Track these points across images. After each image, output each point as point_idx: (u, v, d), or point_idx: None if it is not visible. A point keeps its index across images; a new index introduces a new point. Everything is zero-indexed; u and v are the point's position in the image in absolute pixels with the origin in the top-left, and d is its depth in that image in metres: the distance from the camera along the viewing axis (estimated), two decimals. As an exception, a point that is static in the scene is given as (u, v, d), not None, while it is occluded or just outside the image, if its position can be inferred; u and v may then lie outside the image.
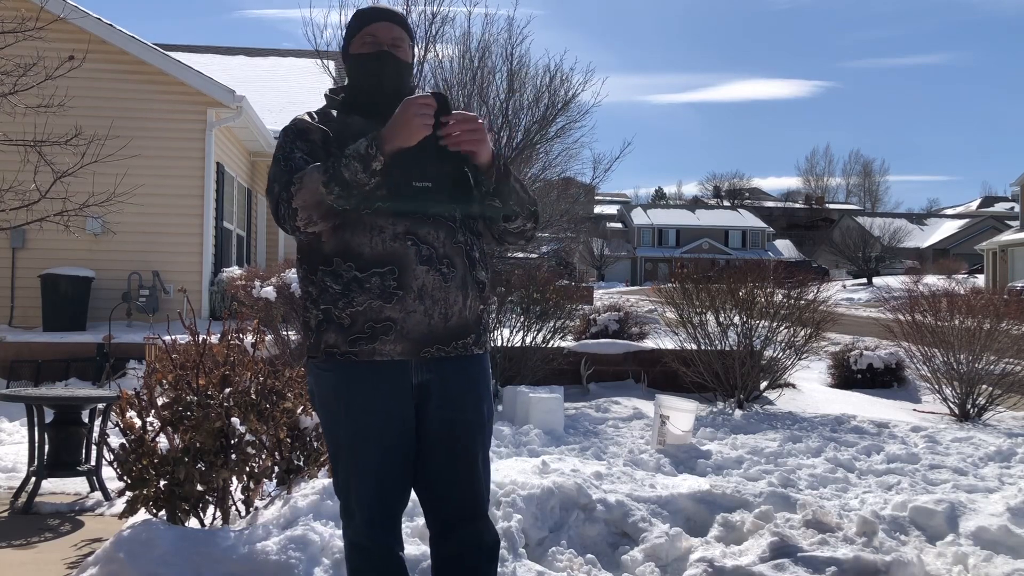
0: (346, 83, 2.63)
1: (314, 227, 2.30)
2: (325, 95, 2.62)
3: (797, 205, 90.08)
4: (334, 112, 2.53)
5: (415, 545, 3.55)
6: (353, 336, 2.35)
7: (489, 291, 2.60)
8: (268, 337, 5.75)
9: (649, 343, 10.87)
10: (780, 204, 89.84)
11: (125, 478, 3.79)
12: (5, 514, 4.83)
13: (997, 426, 8.65)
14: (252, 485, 3.93)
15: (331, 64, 13.97)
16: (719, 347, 9.30)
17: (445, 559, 2.54)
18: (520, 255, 18.57)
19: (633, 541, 4.12)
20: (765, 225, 75.18)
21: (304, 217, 2.27)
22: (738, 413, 8.50)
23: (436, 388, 2.42)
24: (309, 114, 2.50)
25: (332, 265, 2.37)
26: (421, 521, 3.63)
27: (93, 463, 5.12)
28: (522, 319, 9.50)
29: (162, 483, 3.78)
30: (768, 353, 9.48)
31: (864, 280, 52.99)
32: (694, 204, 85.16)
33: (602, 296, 23.86)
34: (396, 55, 2.55)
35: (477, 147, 2.34)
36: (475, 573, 2.51)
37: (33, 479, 4.94)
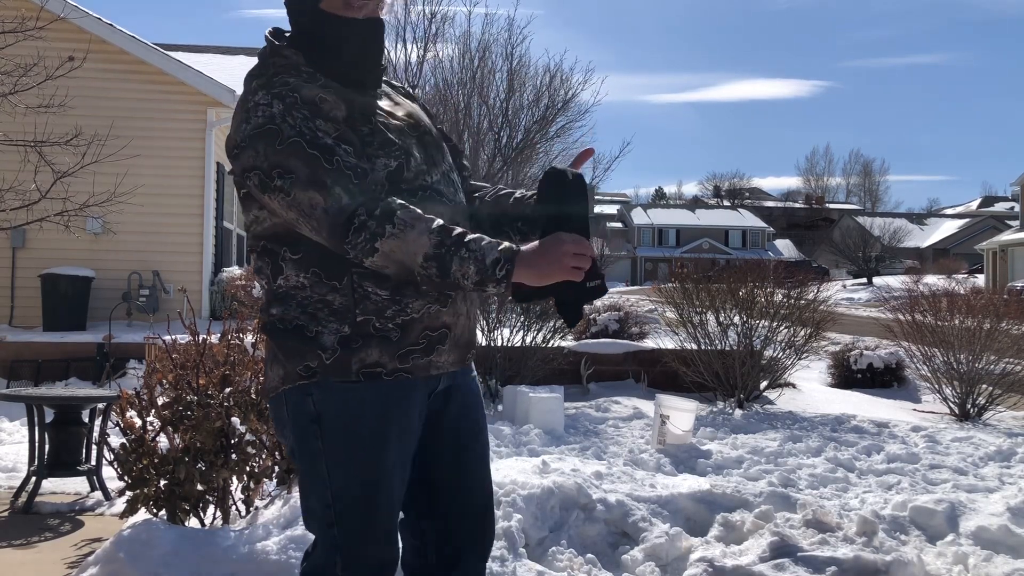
0: (293, 31, 2.14)
1: (379, 270, 1.93)
2: (270, 39, 2.13)
3: (797, 205, 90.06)
4: (306, 69, 2.05)
5: None
6: (404, 350, 1.99)
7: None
8: (268, 337, 5.74)
9: (649, 343, 10.87)
10: (780, 204, 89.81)
11: (125, 478, 3.79)
12: (5, 514, 4.83)
13: (997, 426, 8.65)
14: (252, 485, 3.93)
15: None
16: (719, 347, 9.30)
17: None
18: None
19: (633, 541, 4.12)
20: (765, 225, 75.16)
21: (379, 264, 1.89)
22: (738, 413, 8.50)
23: (453, 395, 2.16)
24: (286, 67, 2.03)
25: None
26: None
27: (93, 463, 5.12)
28: (522, 319, 9.50)
29: (162, 483, 3.78)
30: (768, 353, 9.48)
31: (864, 280, 52.99)
32: (694, 204, 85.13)
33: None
34: (382, 20, 2.15)
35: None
36: None
37: (33, 479, 4.94)
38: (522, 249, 1.88)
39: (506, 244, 1.87)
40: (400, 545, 2.13)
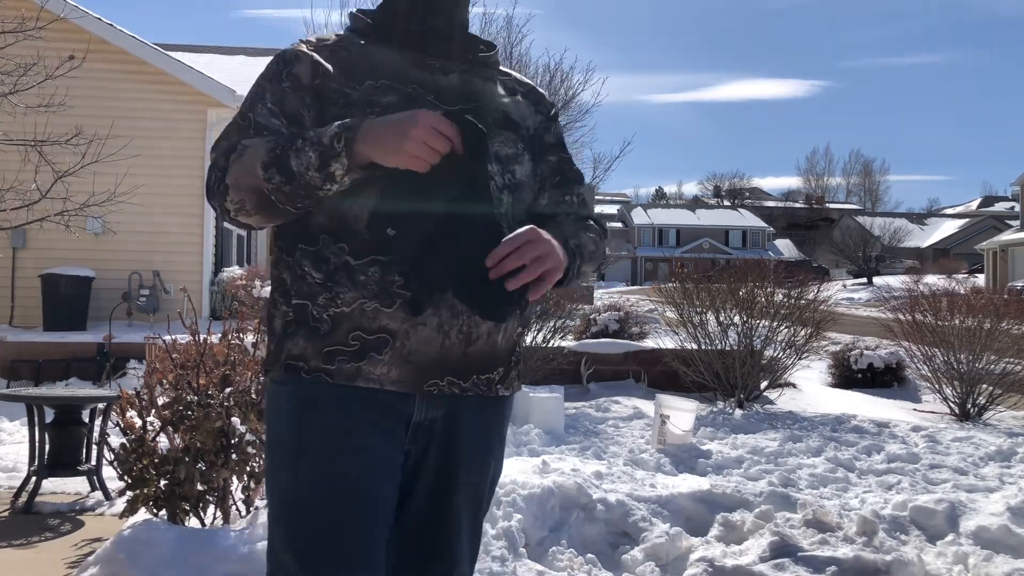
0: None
1: (248, 217, 1.66)
2: (351, 14, 1.86)
3: (797, 205, 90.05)
4: (360, 40, 1.79)
5: None
6: (331, 347, 1.66)
7: (530, 311, 1.89)
8: (268, 337, 5.74)
9: (649, 343, 10.87)
10: (780, 204, 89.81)
11: (125, 478, 3.79)
12: (6, 514, 4.83)
13: (997, 426, 8.65)
14: (252, 485, 3.93)
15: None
16: (719, 347, 9.31)
17: None
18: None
19: (633, 541, 4.12)
20: (765, 225, 75.16)
21: (235, 200, 1.64)
22: (738, 413, 8.50)
23: (439, 433, 1.75)
24: (319, 38, 1.79)
25: (317, 244, 1.68)
26: None
27: (93, 463, 5.12)
28: (522, 319, 9.51)
29: (162, 483, 3.79)
30: (768, 353, 9.48)
31: (864, 280, 52.99)
32: (694, 204, 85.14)
33: (602, 296, 23.86)
34: None
35: (543, 276, 1.62)
36: None
37: (33, 479, 4.94)
38: (369, 121, 1.58)
39: (352, 119, 1.59)
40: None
